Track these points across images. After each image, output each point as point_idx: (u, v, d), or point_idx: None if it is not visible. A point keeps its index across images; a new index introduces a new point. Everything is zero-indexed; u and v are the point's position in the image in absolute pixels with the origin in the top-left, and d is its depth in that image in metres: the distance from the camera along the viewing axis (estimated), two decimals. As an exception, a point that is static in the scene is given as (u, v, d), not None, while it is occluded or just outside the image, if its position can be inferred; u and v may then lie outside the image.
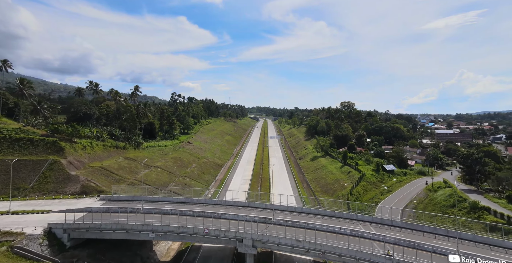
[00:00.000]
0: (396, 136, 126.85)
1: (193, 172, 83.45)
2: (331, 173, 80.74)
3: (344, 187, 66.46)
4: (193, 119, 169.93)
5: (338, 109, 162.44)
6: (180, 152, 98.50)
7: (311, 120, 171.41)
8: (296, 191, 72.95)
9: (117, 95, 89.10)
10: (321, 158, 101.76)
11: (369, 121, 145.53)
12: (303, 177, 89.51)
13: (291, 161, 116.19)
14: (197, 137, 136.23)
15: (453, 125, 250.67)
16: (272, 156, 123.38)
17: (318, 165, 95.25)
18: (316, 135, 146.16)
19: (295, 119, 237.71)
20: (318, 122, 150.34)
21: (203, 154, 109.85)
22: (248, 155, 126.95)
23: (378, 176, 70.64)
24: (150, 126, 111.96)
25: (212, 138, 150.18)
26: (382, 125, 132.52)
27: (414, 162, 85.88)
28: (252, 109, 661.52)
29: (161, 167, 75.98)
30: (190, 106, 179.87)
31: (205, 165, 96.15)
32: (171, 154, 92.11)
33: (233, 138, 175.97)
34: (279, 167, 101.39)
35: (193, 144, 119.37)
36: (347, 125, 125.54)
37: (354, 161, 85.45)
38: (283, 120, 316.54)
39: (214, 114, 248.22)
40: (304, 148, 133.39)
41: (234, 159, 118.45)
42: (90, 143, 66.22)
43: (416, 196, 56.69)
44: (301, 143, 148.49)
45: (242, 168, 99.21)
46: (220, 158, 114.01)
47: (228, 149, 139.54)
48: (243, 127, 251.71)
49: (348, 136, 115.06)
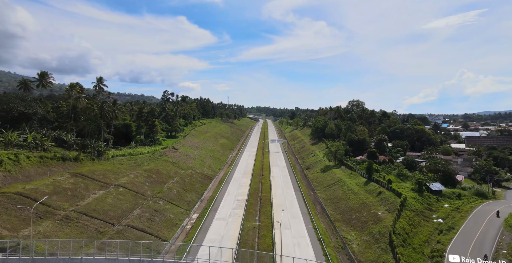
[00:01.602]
0: (421, 140, 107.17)
1: (172, 190, 63.70)
2: (353, 192, 61.01)
3: (378, 217, 46.71)
4: (183, 120, 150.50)
5: (349, 109, 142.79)
6: (160, 161, 78.82)
7: (317, 121, 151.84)
8: (308, 218, 53.28)
9: (73, 89, 68.22)
10: (334, 169, 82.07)
11: (386, 123, 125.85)
12: (315, 196, 69.83)
13: (297, 171, 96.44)
14: (186, 141, 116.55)
15: (469, 126, 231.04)
16: (273, 164, 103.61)
17: (332, 178, 75.53)
18: (325, 138, 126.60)
19: (298, 120, 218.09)
20: (326, 124, 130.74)
21: (189, 162, 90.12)
22: (245, 163, 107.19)
23: (423, 200, 50.94)
24: (125, 129, 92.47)
25: (204, 141, 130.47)
26: (403, 127, 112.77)
27: (463, 177, 66.02)
28: (252, 109, 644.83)
29: (126, 185, 56.27)
30: (180, 106, 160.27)
31: (190, 178, 76.42)
32: (146, 165, 72.48)
33: (229, 141, 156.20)
34: (283, 181, 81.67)
35: (179, 150, 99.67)
36: (363, 127, 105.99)
37: (381, 175, 65.84)
38: (284, 121, 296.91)
39: (209, 115, 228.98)
40: (311, 154, 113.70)
41: (228, 169, 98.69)
42: (16, 155, 46.43)
43: (500, 240, 37.05)
44: (307, 148, 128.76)
45: (237, 183, 79.45)
46: (210, 168, 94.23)
47: (222, 155, 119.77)
48: (241, 129, 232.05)
49: (366, 140, 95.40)
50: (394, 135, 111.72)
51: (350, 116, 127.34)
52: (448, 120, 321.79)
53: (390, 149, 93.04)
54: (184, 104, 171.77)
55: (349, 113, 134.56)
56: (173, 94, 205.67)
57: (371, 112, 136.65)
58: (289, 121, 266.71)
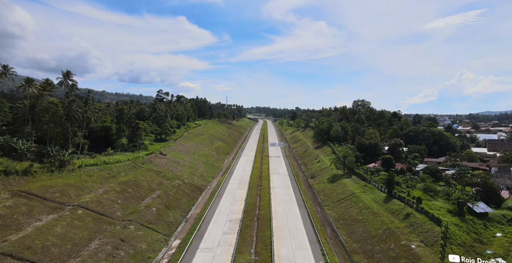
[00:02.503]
0: (438, 144, 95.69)
1: (150, 208, 52.28)
2: (372, 211, 49.57)
3: (412, 252, 35.25)
4: (176, 122, 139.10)
5: (355, 110, 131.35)
6: (141, 170, 67.46)
7: (320, 122, 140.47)
8: (318, 249, 41.87)
9: (30, 85, 55.98)
10: (344, 179, 70.69)
11: (397, 124, 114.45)
12: (323, 213, 58.40)
13: (300, 180, 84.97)
14: (176, 145, 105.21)
15: (479, 127, 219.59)
16: (273, 172, 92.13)
17: (343, 191, 64.09)
18: (329, 141, 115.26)
19: (299, 121, 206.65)
20: (331, 126, 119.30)
21: (178, 171, 78.74)
22: (242, 170, 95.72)
23: (468, 228, 39.51)
24: (105, 133, 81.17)
25: (197, 145, 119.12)
26: (417, 129, 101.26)
27: (507, 192, 54.27)
28: (251, 110, 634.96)
29: (89, 204, 44.86)
30: (173, 106, 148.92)
31: (176, 190, 65.03)
32: (123, 176, 61.13)
33: (225, 144, 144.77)
34: (285, 193, 70.23)
35: (167, 156, 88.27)
36: (373, 130, 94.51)
37: (403, 189, 54.46)
38: (285, 122, 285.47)
39: (206, 115, 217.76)
40: (315, 160, 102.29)
41: (223, 177, 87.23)
42: None
43: None
44: (310, 152, 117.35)
45: (231, 196, 68.02)
46: (202, 176, 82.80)
47: (217, 160, 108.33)
48: (239, 130, 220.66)
49: (378, 145, 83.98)
50: (407, 139, 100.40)
51: (357, 118, 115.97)
52: (454, 121, 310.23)
53: (406, 155, 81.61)
54: (177, 104, 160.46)
55: (356, 114, 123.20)
56: (167, 94, 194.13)
57: (380, 113, 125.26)
58: (289, 122, 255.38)
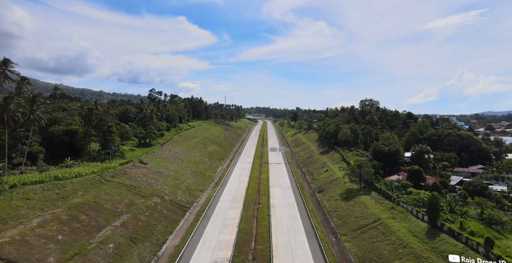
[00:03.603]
0: (468, 150, 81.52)
1: (106, 245, 38.20)
2: (414, 254, 35.47)
3: None
4: (166, 123, 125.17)
5: (365, 110, 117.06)
6: (108, 186, 53.44)
7: (325, 124, 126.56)
8: None
9: None
10: (362, 196, 56.61)
11: (414, 127, 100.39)
12: (339, 246, 44.29)
13: (306, 194, 70.88)
14: (163, 151, 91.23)
15: (494, 128, 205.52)
16: (274, 184, 78.00)
17: (363, 214, 49.99)
18: (337, 145, 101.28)
19: (301, 122, 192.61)
20: (339, 128, 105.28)
21: (158, 184, 64.72)
22: (237, 180, 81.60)
23: None
24: (69, 138, 67.41)
25: (188, 150, 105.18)
26: (442, 133, 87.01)
27: None
28: (251, 110, 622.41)
29: (4, 249, 30.83)
30: (163, 106, 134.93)
31: (150, 213, 50.98)
32: (79, 196, 47.14)
33: (220, 148, 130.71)
34: (288, 214, 56.09)
35: (148, 165, 74.29)
36: (391, 134, 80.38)
37: (452, 217, 40.44)
38: (285, 123, 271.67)
39: (202, 116, 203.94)
40: (322, 168, 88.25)
41: (214, 190, 73.20)
42: None
43: None
44: (316, 158, 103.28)
45: (221, 218, 53.84)
46: (189, 191, 68.73)
47: (209, 168, 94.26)
48: (237, 132, 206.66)
49: (400, 153, 69.94)
50: (428, 144, 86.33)
51: (368, 119, 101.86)
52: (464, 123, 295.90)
53: (434, 165, 67.52)
54: (168, 104, 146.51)
55: (366, 115, 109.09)
56: (161, 93, 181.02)
57: (394, 114, 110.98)
58: (290, 123, 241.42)
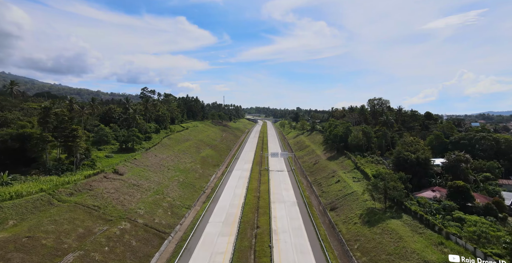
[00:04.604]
0: (507, 156, 68.60)
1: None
2: None
3: None
4: (155, 125, 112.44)
5: (377, 110, 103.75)
6: (58, 210, 40.72)
7: (332, 126, 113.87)
8: None
9: None
10: (391, 221, 43.81)
11: (436, 129, 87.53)
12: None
13: (315, 212, 57.97)
14: (147, 157, 78.55)
15: (510, 129, 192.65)
16: (276, 199, 65.03)
17: (397, 249, 37.19)
18: (348, 150, 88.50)
19: (304, 123, 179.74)
20: (349, 131, 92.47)
21: (133, 201, 51.91)
22: (232, 194, 68.70)
23: None
24: (20, 144, 54.88)
25: (178, 155, 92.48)
26: (474, 136, 74.06)
27: None
28: (251, 110, 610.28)
29: None
30: (152, 105, 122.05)
31: (112, 246, 38.16)
32: (7, 228, 34.39)
33: (216, 152, 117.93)
34: (296, 245, 43.17)
35: (124, 176, 61.63)
36: (416, 138, 67.54)
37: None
38: (286, 123, 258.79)
39: (197, 117, 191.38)
40: (332, 177, 75.50)
41: (202, 208, 60.32)
42: None
43: None
44: (323, 165, 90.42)
45: (207, 253, 40.89)
46: (171, 209, 55.85)
47: (200, 177, 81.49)
48: (235, 134, 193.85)
49: (429, 160, 57.11)
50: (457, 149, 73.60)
51: (384, 120, 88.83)
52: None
53: (475, 177, 54.66)
54: (159, 104, 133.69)
55: (380, 115, 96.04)
56: (154, 92, 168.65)
57: (412, 115, 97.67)
58: (292, 124, 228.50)
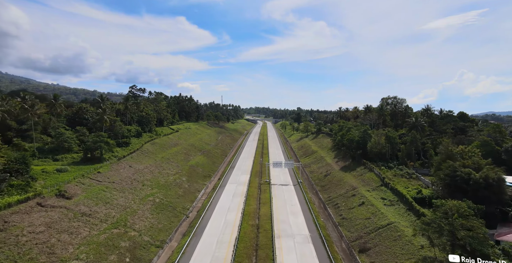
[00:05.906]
0: None
1: None
2: None
3: None
4: (136, 127, 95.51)
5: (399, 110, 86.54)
6: None
7: (342, 128, 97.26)
8: None
9: None
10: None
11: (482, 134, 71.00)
12: None
13: (339, 258, 41.16)
14: (116, 169, 61.72)
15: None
16: (281, 231, 47.91)
17: None
18: (366, 159, 71.84)
19: (308, 124, 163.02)
20: (368, 135, 75.77)
21: (72, 244, 34.98)
22: (223, 221, 51.63)
23: None
24: None
25: (160, 164, 75.76)
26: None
27: None
28: (250, 110, 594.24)
29: None
30: (134, 105, 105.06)
31: None
32: None
33: (208, 159, 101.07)
34: None
35: (72, 200, 44.85)
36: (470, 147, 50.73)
37: None
38: (288, 124, 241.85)
39: (192, 117, 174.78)
40: (352, 196, 58.77)
41: (180, 246, 43.38)
42: None
43: None
44: (337, 177, 73.62)
45: None
46: (131, 253, 38.90)
47: (185, 194, 64.59)
48: (233, 136, 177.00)
49: (504, 181, 40.42)
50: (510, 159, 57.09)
51: (413, 123, 71.90)
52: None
53: None
54: (143, 103, 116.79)
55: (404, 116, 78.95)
56: (143, 90, 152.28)
57: (445, 116, 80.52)
58: (294, 125, 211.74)
